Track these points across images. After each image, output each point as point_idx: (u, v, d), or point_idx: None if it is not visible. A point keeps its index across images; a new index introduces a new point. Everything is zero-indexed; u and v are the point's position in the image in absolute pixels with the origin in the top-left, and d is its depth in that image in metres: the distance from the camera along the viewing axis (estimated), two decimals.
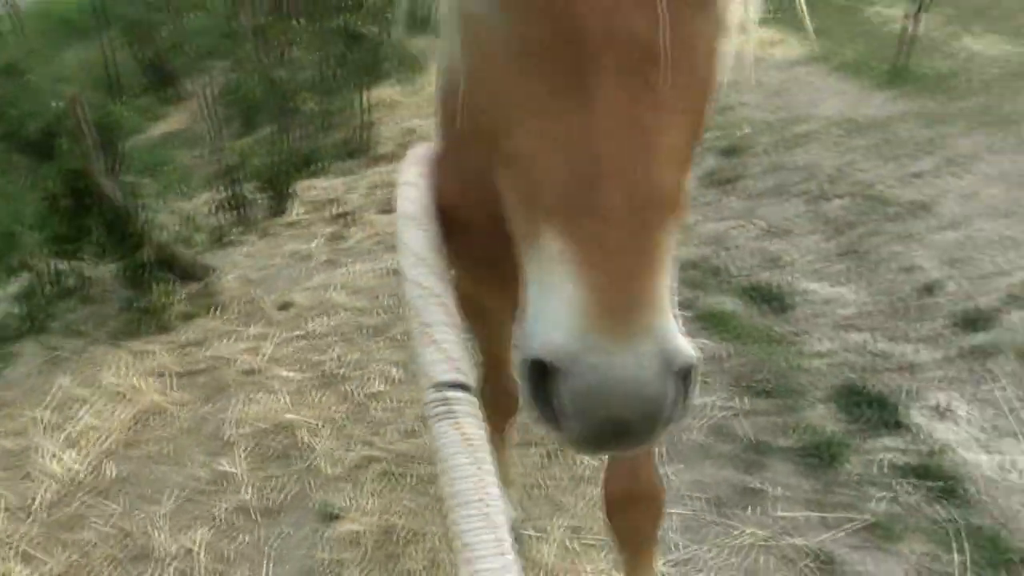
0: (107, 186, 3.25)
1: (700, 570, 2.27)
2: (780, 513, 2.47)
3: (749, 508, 2.50)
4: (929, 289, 3.87)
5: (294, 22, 5.12)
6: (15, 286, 3.39)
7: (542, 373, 0.68)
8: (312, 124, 6.31)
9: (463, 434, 1.14)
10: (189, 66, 9.06)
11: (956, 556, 2.32)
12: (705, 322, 3.54)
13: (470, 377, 1.22)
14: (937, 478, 2.63)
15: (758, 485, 2.60)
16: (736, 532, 2.40)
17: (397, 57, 8.02)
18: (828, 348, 3.38)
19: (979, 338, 3.54)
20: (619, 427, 0.66)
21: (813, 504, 2.51)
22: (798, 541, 2.36)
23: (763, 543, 2.36)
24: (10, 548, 2.30)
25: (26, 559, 2.27)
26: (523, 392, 0.75)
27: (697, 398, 1.29)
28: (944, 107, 6.16)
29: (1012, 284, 3.81)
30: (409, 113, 7.13)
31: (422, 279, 1.34)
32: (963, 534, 2.39)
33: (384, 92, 7.53)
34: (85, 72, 7.64)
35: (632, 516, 1.69)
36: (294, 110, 5.72)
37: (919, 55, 6.82)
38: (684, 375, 0.69)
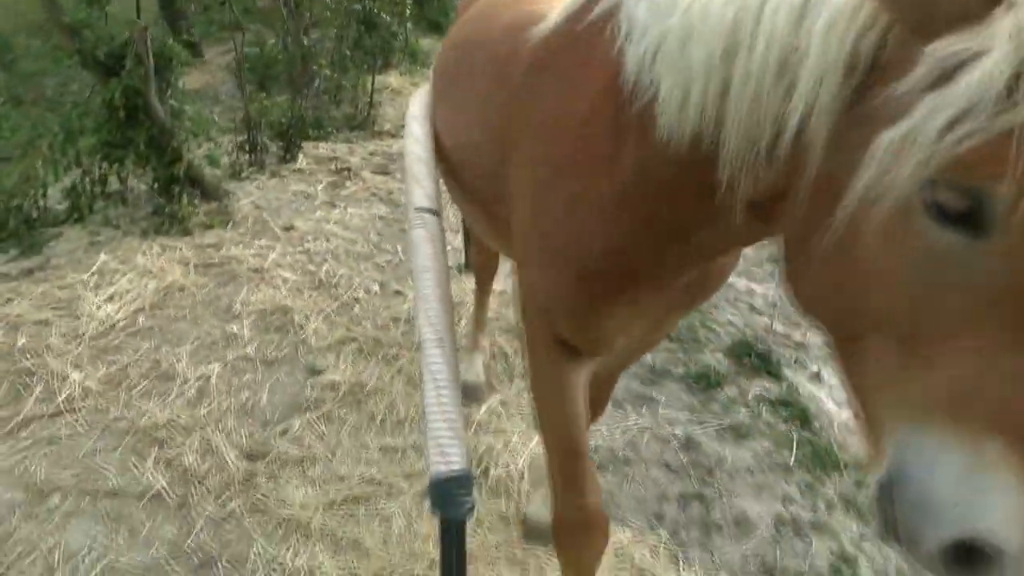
0: (156, 107, 3.91)
1: (592, 438, 2.96)
2: (663, 411, 3.18)
3: (642, 407, 3.21)
4: None
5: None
6: (67, 180, 4.02)
7: (967, 548, 0.75)
8: (324, 96, 6.99)
9: (429, 235, 1.87)
10: (213, 33, 9.75)
11: (793, 454, 3.04)
12: None
13: (438, 206, 1.95)
14: (793, 408, 3.36)
15: (652, 395, 3.31)
16: (626, 420, 3.10)
17: (407, 50, 8.79)
18: (734, 320, 4.09)
19: None
20: None
21: (690, 410, 3.22)
22: (672, 430, 3.08)
23: (645, 428, 3.06)
24: (65, 360, 2.94)
25: (77, 367, 2.91)
26: (927, 557, 0.78)
27: None
28: None
29: None
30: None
31: (417, 150, 2.08)
32: (801, 442, 3.12)
33: (391, 79, 8.25)
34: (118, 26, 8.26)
35: None
36: (309, 79, 6.40)
37: None
38: None
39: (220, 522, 2.30)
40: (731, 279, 4.66)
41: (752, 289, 4.54)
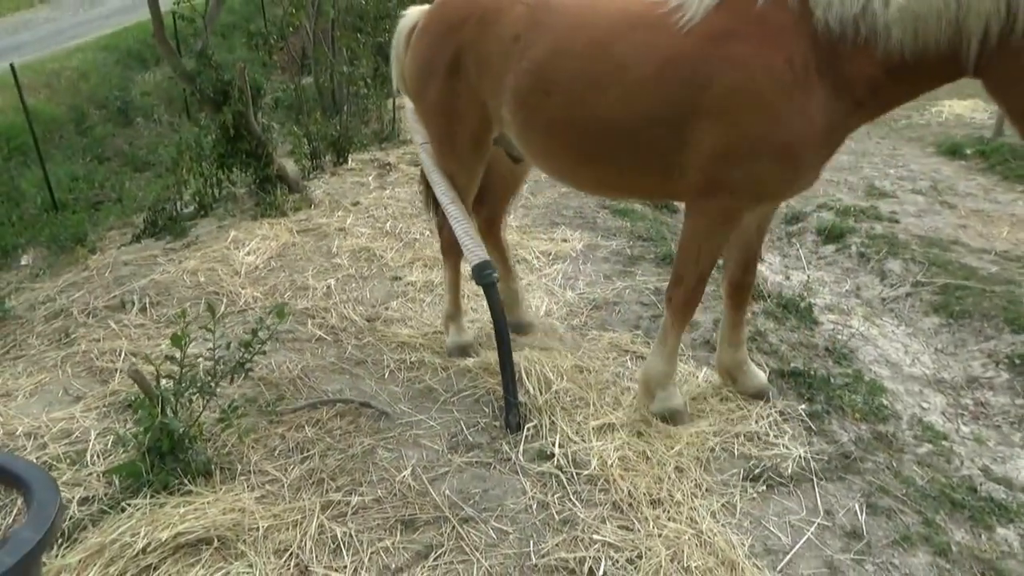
0: (254, 124, 5.41)
1: (592, 294, 4.34)
2: (640, 278, 4.57)
3: (625, 278, 4.59)
4: None
5: (357, 34, 7.33)
6: (193, 187, 5.53)
7: None
8: (355, 118, 8.54)
9: (428, 153, 3.33)
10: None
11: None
12: (623, 214, 5.67)
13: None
14: None
15: (631, 271, 4.70)
16: (614, 285, 4.49)
17: None
18: None
19: (793, 227, 5.74)
20: None
21: (657, 276, 4.61)
22: (646, 285, 4.46)
23: (627, 287, 4.44)
24: (235, 284, 4.40)
25: (243, 288, 4.36)
26: None
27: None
28: None
29: (821, 201, 6.03)
30: None
31: (413, 116, 3.53)
32: None
33: (406, 99, 9.80)
34: (171, 84, 9.91)
35: None
36: (342, 103, 7.92)
37: None
38: None
39: (361, 346, 3.73)
40: None
41: None
